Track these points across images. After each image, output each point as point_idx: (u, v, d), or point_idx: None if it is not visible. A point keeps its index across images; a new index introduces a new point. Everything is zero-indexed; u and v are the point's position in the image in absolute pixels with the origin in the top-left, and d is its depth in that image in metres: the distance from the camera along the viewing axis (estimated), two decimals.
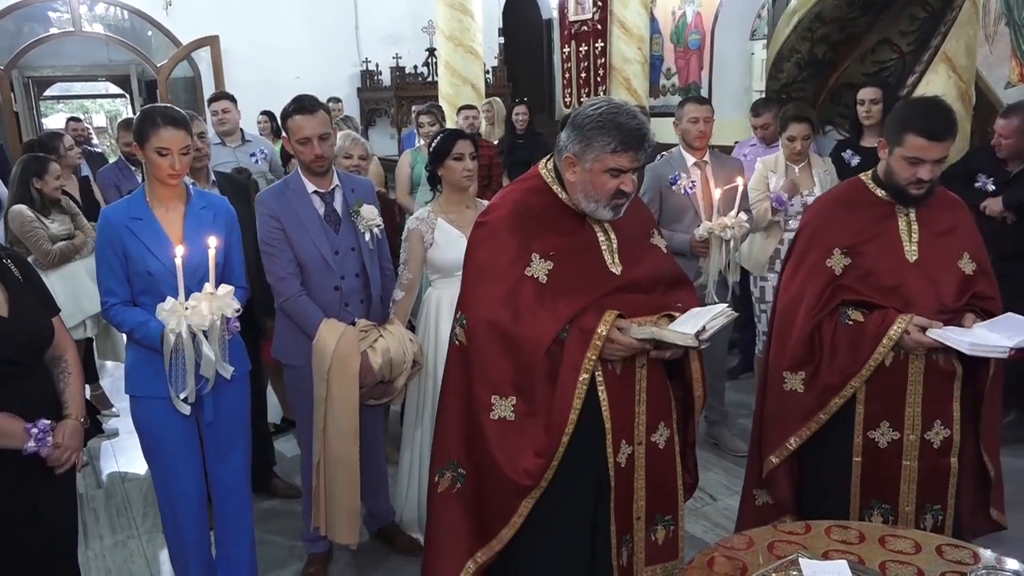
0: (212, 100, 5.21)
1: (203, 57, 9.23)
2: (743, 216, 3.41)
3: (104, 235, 2.45)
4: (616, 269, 2.12)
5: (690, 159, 3.74)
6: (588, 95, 7.51)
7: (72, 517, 2.30)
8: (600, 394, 2.05)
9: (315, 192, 2.85)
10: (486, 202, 3.27)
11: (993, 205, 3.89)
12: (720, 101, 3.97)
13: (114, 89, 14.42)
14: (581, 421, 2.00)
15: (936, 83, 4.27)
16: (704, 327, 1.97)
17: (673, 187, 3.66)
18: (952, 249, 2.44)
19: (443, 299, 3.03)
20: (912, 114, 2.36)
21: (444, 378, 2.26)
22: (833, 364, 2.41)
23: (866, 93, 4.17)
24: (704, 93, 8.10)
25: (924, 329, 2.29)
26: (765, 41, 7.96)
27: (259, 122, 7.15)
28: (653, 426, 2.17)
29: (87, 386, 4.70)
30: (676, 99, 8.37)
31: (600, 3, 7.37)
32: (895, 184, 2.40)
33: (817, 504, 2.49)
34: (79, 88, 16.14)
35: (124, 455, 4.26)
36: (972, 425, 2.47)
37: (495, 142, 6.61)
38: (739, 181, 3.38)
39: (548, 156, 2.22)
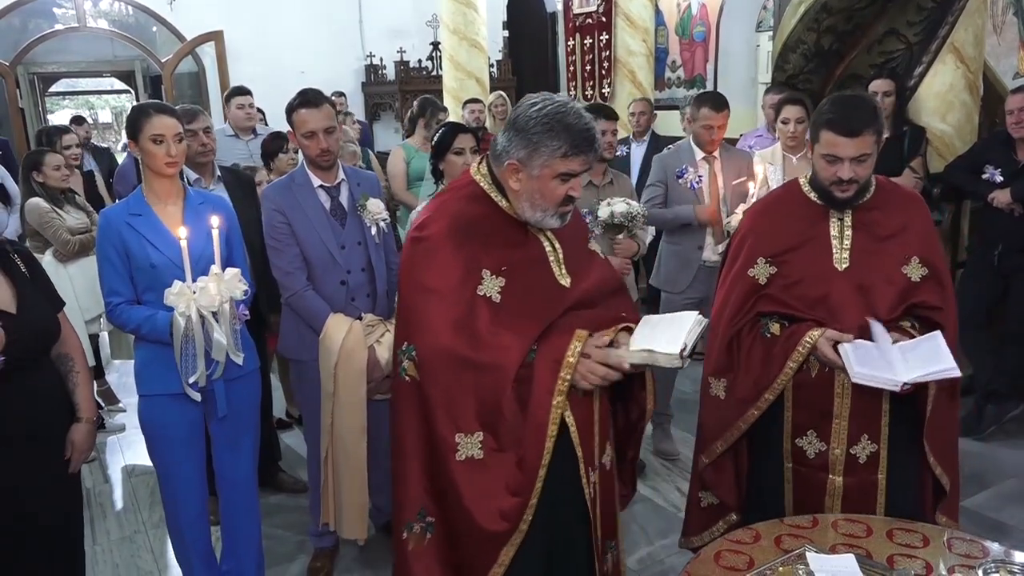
0: (236, 94, 5.15)
1: (207, 52, 9.23)
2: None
3: (105, 234, 2.44)
4: (565, 281, 1.97)
5: (699, 153, 3.71)
6: (593, 88, 7.48)
7: (78, 512, 2.32)
8: (568, 419, 1.89)
9: (321, 186, 2.85)
10: None
11: (1001, 197, 3.87)
12: (725, 93, 3.93)
13: (119, 85, 14.43)
14: (553, 454, 1.84)
15: (944, 74, 4.25)
16: (685, 343, 1.82)
17: (680, 180, 3.64)
18: (896, 254, 2.25)
19: None
20: (826, 108, 2.21)
21: (393, 418, 2.02)
22: (747, 377, 2.31)
23: (878, 85, 4.14)
24: (709, 85, 8.06)
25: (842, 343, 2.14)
26: (771, 33, 7.92)
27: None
28: (603, 447, 2.05)
29: (93, 382, 4.73)
30: (681, 92, 8.35)
31: None
32: (820, 185, 2.27)
33: (758, 504, 2.39)
34: (84, 84, 16.16)
35: (131, 450, 4.27)
36: (916, 438, 2.27)
37: None
38: (756, 172, 3.40)
39: (479, 159, 2.03)
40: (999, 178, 3.90)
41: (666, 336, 1.86)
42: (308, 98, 2.78)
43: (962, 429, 4.04)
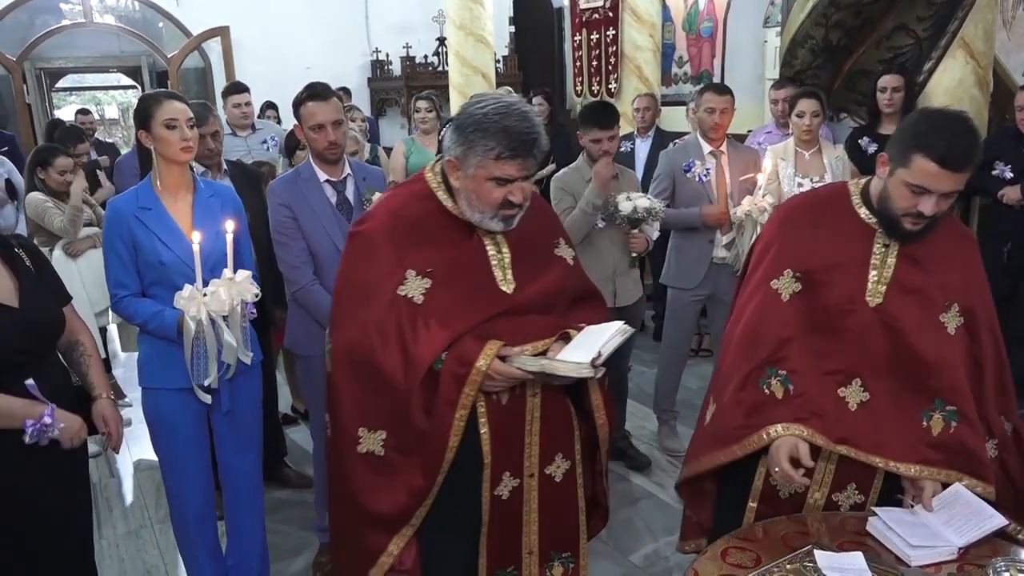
0: (232, 92, 5.13)
1: (214, 48, 9.23)
2: (770, 199, 3.42)
3: (112, 226, 2.42)
4: (508, 287, 1.90)
5: (706, 147, 3.69)
6: (600, 84, 7.45)
7: (87, 507, 2.31)
8: (481, 426, 1.87)
9: (327, 181, 2.84)
10: None
11: (1011, 193, 3.85)
12: (732, 89, 3.93)
13: (126, 80, 14.44)
14: (458, 455, 1.84)
15: (953, 69, 4.21)
16: (599, 352, 1.74)
17: (687, 174, 3.63)
18: (937, 298, 1.95)
19: None
20: (926, 130, 1.81)
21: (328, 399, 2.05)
22: (725, 420, 2.07)
23: (888, 80, 4.11)
24: (716, 81, 8.02)
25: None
26: (779, 29, 7.88)
27: (267, 116, 7.14)
28: (548, 457, 1.99)
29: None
30: (688, 87, 8.30)
31: None
32: (887, 212, 1.91)
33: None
34: (91, 79, 16.17)
35: (137, 444, 4.26)
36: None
37: None
38: (764, 166, 3.37)
39: (438, 158, 1.98)
40: (1009, 174, 3.88)
41: (586, 346, 1.79)
42: (316, 91, 2.78)
43: None
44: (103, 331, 4.47)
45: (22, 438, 1.98)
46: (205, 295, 2.23)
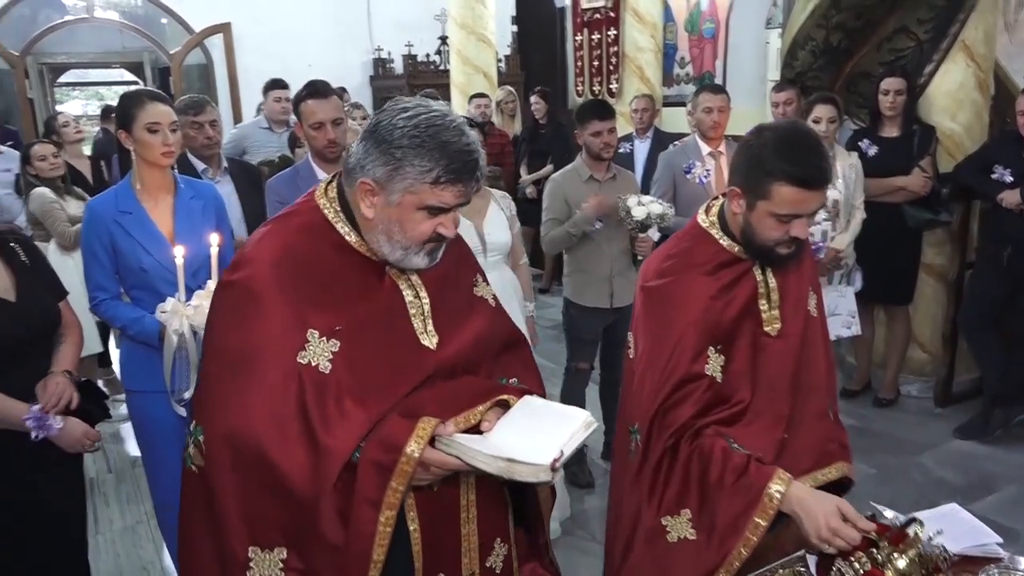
0: (274, 87, 5.08)
1: (216, 44, 9.23)
2: None
3: (91, 228, 2.38)
4: (431, 341, 1.52)
5: (705, 148, 3.70)
6: (601, 84, 7.45)
7: (81, 502, 2.32)
8: (409, 521, 1.49)
9: None
10: (492, 190, 3.26)
11: (1011, 197, 3.84)
12: (734, 91, 3.93)
13: (128, 76, 14.45)
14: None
15: (954, 72, 4.21)
16: (561, 451, 1.39)
17: (688, 176, 3.63)
18: (805, 290, 1.87)
19: None
20: (776, 156, 1.67)
21: (181, 516, 1.57)
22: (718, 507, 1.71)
23: (891, 83, 4.10)
24: (719, 82, 8.02)
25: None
26: (780, 30, 7.87)
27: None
28: (488, 547, 1.62)
29: (100, 369, 4.74)
30: (690, 88, 8.29)
31: None
32: (756, 244, 1.78)
33: None
34: (94, 75, 16.18)
35: (134, 440, 4.27)
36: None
37: (516, 132, 6.59)
38: None
39: (331, 177, 1.57)
40: (1009, 178, 3.87)
41: (543, 435, 1.43)
42: (316, 88, 2.77)
43: (968, 432, 4.07)
44: (103, 325, 4.47)
45: (20, 437, 1.98)
46: (189, 308, 2.20)
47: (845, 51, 4.49)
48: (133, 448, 4.21)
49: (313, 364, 1.41)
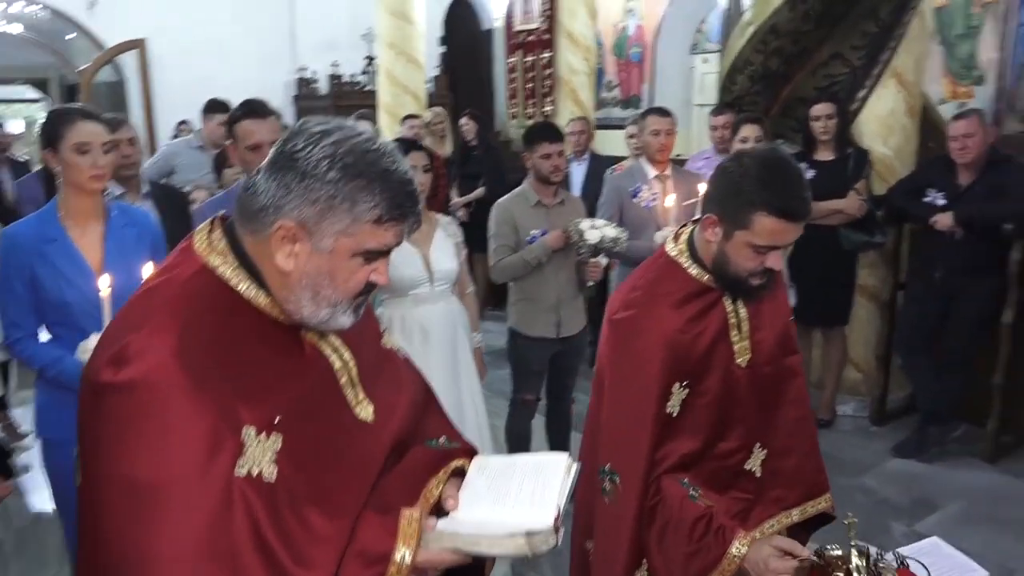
0: (218, 111, 4.61)
1: (128, 62, 8.82)
2: None
3: (8, 259, 2.15)
4: (366, 413, 1.27)
5: (651, 172, 3.66)
6: (535, 106, 7.41)
7: None
8: None
9: None
10: (439, 215, 3.12)
11: (944, 220, 3.91)
12: None
13: (32, 93, 13.73)
14: None
15: (886, 98, 4.32)
16: (558, 508, 1.21)
17: (635, 199, 3.57)
18: (780, 316, 1.89)
19: (394, 319, 2.89)
20: (758, 185, 1.61)
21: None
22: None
23: (821, 109, 4.18)
24: (645, 106, 8.10)
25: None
26: (705, 56, 8.04)
27: (180, 131, 6.83)
28: None
29: None
30: (617, 111, 8.37)
31: (547, 12, 7.30)
32: (728, 274, 1.72)
33: None
34: None
35: (38, 494, 3.89)
36: None
37: (447, 154, 6.47)
38: (699, 189, 3.31)
39: (207, 224, 1.23)
40: (941, 201, 3.95)
41: (528, 495, 1.23)
42: (253, 108, 2.57)
43: (905, 451, 4.12)
44: (3, 366, 4.09)
45: None
46: None
47: (782, 76, 4.56)
48: (37, 503, 3.84)
49: (255, 473, 1.07)
